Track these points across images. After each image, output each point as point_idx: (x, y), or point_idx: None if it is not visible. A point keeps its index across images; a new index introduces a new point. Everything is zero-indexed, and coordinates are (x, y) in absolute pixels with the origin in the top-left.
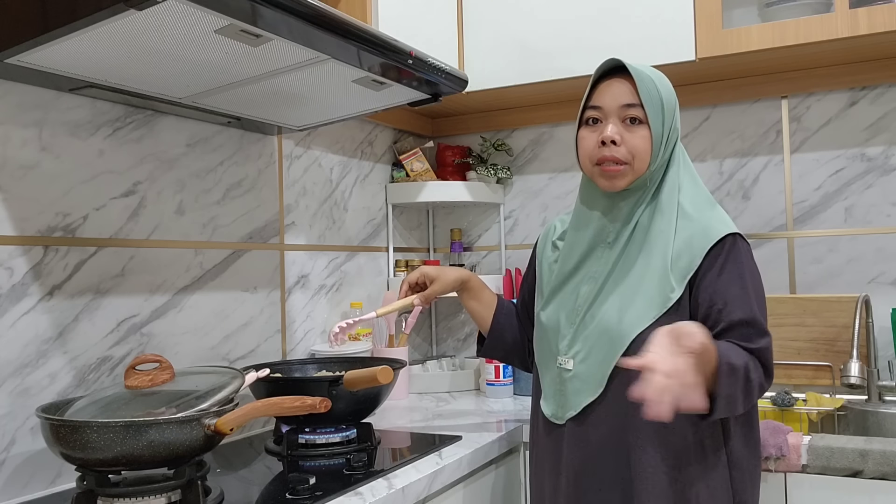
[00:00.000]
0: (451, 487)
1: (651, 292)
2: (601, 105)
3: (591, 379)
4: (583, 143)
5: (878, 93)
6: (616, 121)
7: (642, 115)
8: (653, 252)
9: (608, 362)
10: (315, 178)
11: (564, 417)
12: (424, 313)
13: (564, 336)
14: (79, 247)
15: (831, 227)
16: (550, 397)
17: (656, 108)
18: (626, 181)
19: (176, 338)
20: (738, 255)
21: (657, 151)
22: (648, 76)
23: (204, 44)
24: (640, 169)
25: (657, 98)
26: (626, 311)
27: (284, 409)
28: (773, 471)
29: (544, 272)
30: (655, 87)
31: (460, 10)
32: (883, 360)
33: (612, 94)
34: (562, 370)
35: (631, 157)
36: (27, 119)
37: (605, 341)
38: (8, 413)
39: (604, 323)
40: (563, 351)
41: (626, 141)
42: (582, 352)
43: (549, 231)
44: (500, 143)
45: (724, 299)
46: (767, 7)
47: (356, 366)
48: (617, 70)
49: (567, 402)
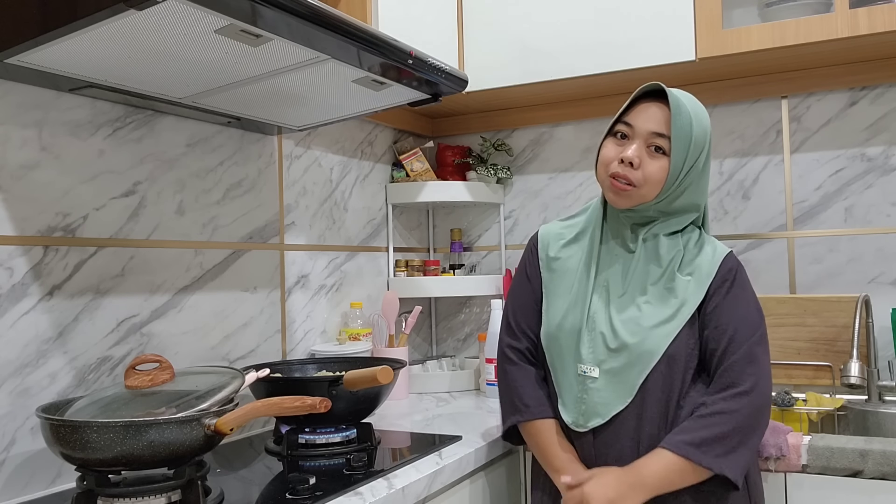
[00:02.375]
0: (451, 487)
1: (668, 303)
2: (633, 124)
3: (620, 389)
4: (604, 152)
5: (878, 93)
6: (641, 144)
7: (667, 147)
8: (659, 266)
9: (639, 373)
10: (315, 178)
11: (588, 426)
12: (424, 313)
13: (584, 342)
14: (79, 247)
15: (831, 227)
16: (570, 405)
17: (683, 143)
18: (631, 203)
19: (176, 338)
20: (739, 284)
21: (670, 184)
22: (687, 111)
23: (204, 44)
24: (647, 195)
25: (687, 135)
26: (648, 322)
27: (284, 409)
28: (773, 471)
29: (555, 276)
30: (690, 122)
31: (460, 10)
32: (883, 360)
33: (646, 118)
34: (585, 377)
35: (643, 182)
36: (27, 119)
37: (636, 353)
38: (8, 413)
39: (630, 333)
40: (585, 358)
41: (644, 166)
42: (609, 361)
43: (549, 235)
44: (500, 143)
45: (728, 336)
46: (767, 7)
47: (356, 366)
48: (658, 94)
49: (591, 411)
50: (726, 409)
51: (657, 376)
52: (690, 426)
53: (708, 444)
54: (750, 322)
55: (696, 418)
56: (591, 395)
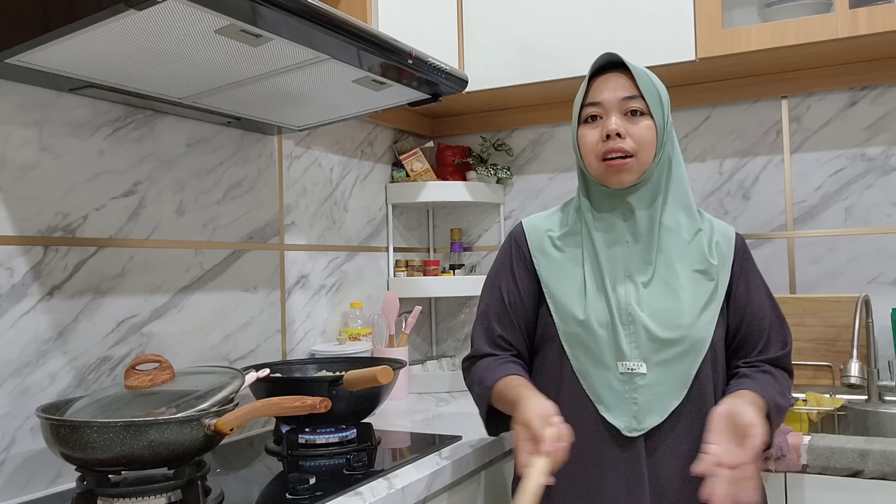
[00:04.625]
0: (452, 487)
1: (703, 286)
2: (600, 100)
3: (673, 382)
4: (584, 141)
5: (878, 93)
6: (617, 114)
7: (643, 107)
8: (681, 247)
9: (692, 363)
10: (315, 178)
11: (642, 428)
12: (424, 313)
13: (622, 337)
14: (79, 247)
15: (831, 227)
16: (618, 408)
17: (655, 99)
18: (634, 175)
19: (176, 338)
20: (751, 259)
21: (661, 142)
22: (644, 70)
23: (204, 44)
24: (645, 160)
25: (655, 90)
26: (689, 308)
27: (284, 409)
28: (774, 471)
29: (556, 268)
30: (651, 80)
31: (460, 9)
32: (883, 360)
33: (611, 88)
34: (633, 375)
35: (637, 149)
36: (27, 119)
37: (688, 343)
38: (8, 413)
39: (676, 323)
40: (629, 354)
41: (630, 133)
42: (657, 354)
43: (536, 227)
44: (500, 143)
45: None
46: (767, 7)
47: (356, 366)
48: (611, 66)
49: (646, 410)
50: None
51: (706, 365)
52: (773, 387)
53: (780, 412)
54: (769, 294)
55: (773, 382)
56: (643, 393)
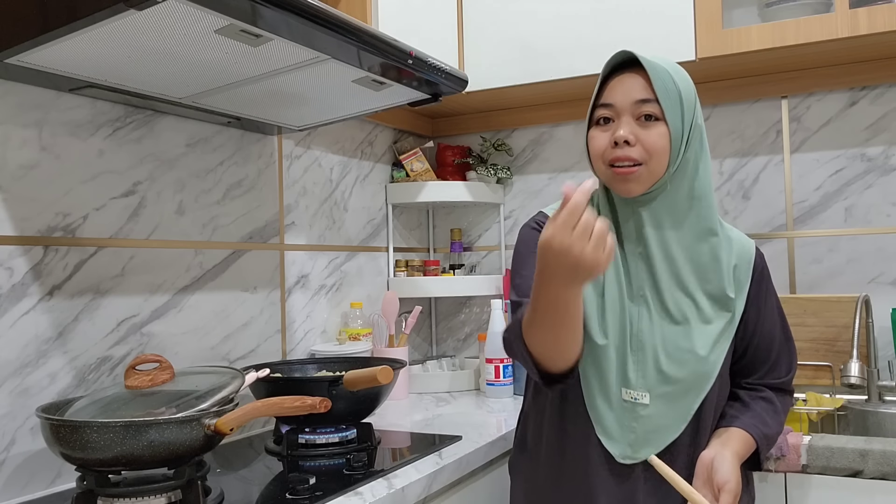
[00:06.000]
0: (452, 487)
1: (719, 316)
2: (612, 102)
3: (674, 415)
4: (593, 144)
5: (878, 93)
6: (629, 119)
7: (658, 112)
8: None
9: (695, 398)
10: (315, 178)
11: (637, 457)
12: (424, 313)
13: (630, 364)
14: (79, 247)
15: (831, 227)
16: (616, 434)
17: (673, 102)
18: (643, 185)
19: (176, 338)
20: (768, 278)
21: (677, 150)
22: (663, 68)
23: (204, 44)
24: (657, 170)
25: (674, 91)
26: (702, 342)
27: (284, 409)
28: (773, 471)
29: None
30: (672, 79)
31: (460, 9)
32: (883, 360)
33: (624, 90)
34: (636, 405)
35: (647, 157)
36: (27, 119)
37: (693, 379)
38: (8, 413)
39: (684, 360)
40: (634, 384)
41: (641, 140)
42: (661, 387)
43: None
44: (500, 143)
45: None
46: (767, 7)
47: (356, 366)
48: (628, 64)
49: (643, 440)
50: (783, 408)
51: (711, 396)
52: (766, 418)
53: (770, 441)
54: (781, 314)
55: (769, 411)
56: (643, 423)
